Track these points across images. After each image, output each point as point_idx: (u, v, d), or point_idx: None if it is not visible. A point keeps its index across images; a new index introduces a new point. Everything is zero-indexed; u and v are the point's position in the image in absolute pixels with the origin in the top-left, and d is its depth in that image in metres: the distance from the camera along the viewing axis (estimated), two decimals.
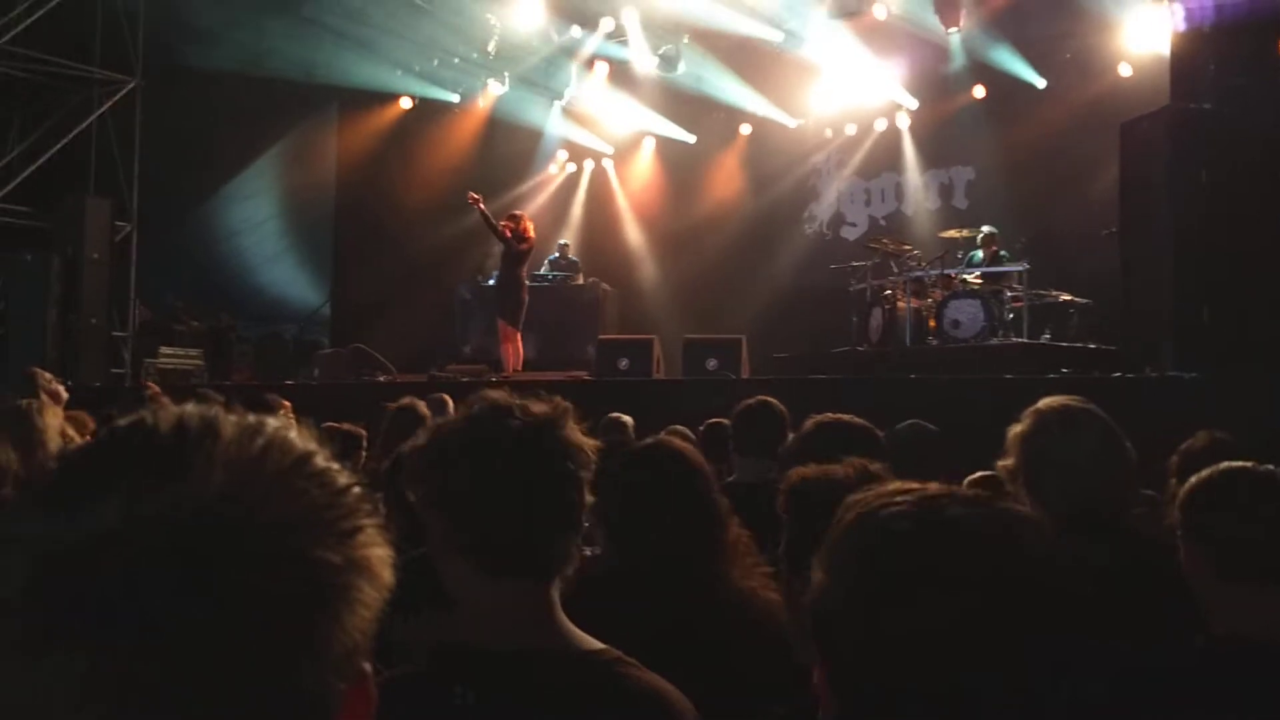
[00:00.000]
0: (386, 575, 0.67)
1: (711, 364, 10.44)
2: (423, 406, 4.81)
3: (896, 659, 1.02)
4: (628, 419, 5.87)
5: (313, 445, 0.68)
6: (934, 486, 1.11)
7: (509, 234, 10.70)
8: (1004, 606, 1.02)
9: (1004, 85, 13.06)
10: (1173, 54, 8.60)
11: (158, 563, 0.56)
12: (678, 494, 2.18)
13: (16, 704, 0.54)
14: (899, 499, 1.09)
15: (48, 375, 5.60)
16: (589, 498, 1.51)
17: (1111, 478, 2.47)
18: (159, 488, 0.59)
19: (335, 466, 0.68)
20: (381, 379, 11.25)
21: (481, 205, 10.68)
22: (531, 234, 10.95)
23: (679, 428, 5.14)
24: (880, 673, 1.03)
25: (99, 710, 0.54)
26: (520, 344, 11.00)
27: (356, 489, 0.67)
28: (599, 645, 1.44)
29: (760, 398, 4.09)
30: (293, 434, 0.68)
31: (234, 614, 0.57)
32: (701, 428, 5.22)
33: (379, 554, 0.66)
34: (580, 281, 13.84)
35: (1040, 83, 12.92)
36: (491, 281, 12.76)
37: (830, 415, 3.06)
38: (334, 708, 0.63)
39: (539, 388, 1.64)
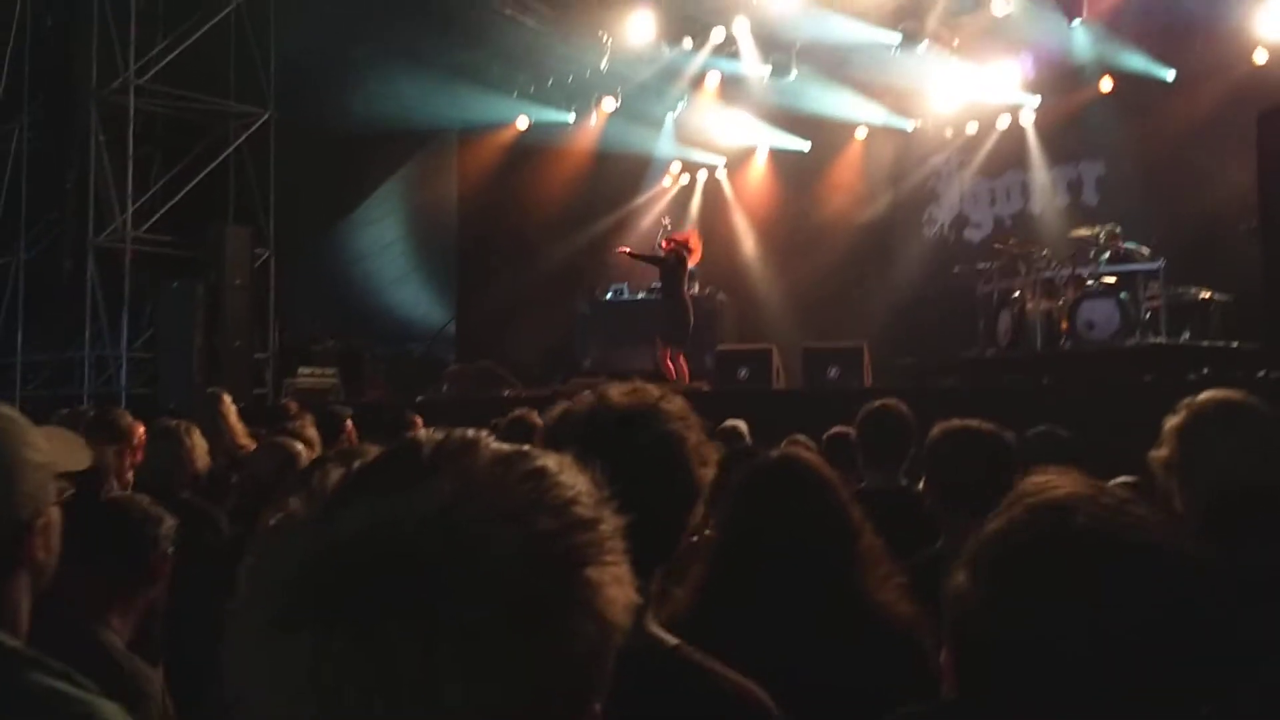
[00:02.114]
0: (614, 614, 0.68)
1: (832, 373, 10.33)
2: (534, 417, 4.90)
3: (1015, 663, 1.05)
4: (743, 425, 5.84)
5: (574, 479, 0.71)
6: (1074, 491, 1.11)
7: (669, 248, 11.18)
8: (1124, 620, 1.01)
9: (1132, 77, 12.58)
10: None
11: (374, 566, 0.64)
12: (810, 507, 2.18)
13: (266, 668, 0.64)
14: (1036, 507, 1.10)
15: (229, 398, 5.89)
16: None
17: (1270, 472, 2.35)
18: (393, 499, 0.66)
19: (586, 501, 0.69)
20: (507, 393, 11.48)
21: (628, 251, 11.66)
22: (694, 246, 11.34)
23: (800, 437, 5.11)
24: (999, 672, 1.07)
25: (320, 684, 0.62)
26: (684, 361, 11.10)
27: (605, 526, 0.69)
28: (677, 641, 1.43)
29: (882, 402, 3.96)
30: (552, 463, 0.71)
31: (427, 621, 0.62)
32: (824, 437, 5.17)
33: (609, 593, 0.67)
34: (697, 292, 13.87)
35: (1169, 73, 12.43)
36: (609, 296, 13.09)
37: (957, 422, 3.01)
38: None
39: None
